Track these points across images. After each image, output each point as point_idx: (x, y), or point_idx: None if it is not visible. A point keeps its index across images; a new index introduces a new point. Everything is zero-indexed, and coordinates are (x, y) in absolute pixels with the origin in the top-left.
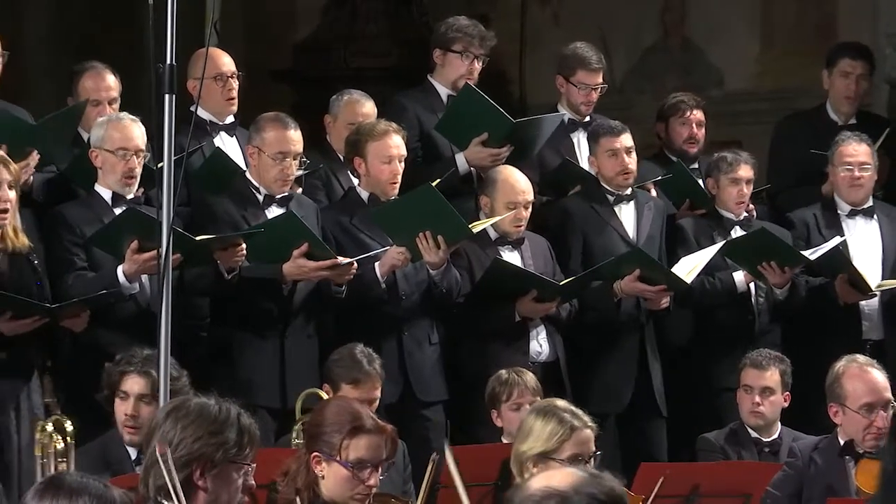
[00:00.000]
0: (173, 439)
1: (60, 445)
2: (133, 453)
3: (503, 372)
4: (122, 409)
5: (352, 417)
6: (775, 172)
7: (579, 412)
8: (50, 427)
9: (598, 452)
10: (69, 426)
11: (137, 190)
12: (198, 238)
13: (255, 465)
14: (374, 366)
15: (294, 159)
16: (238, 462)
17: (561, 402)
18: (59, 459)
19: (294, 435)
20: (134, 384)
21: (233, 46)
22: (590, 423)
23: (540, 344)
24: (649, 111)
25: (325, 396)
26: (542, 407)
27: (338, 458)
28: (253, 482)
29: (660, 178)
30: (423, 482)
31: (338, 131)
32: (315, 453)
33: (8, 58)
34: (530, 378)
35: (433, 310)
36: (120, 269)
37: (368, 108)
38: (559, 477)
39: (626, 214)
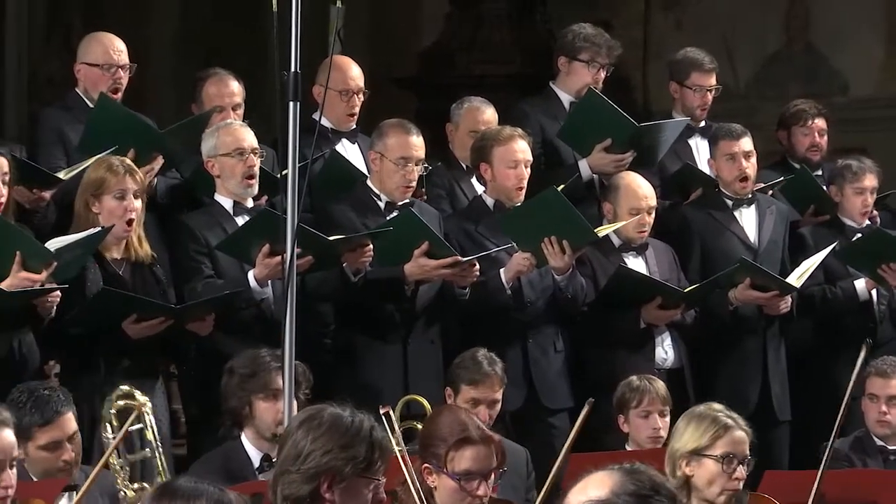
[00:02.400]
0: (303, 450)
1: (151, 421)
2: (256, 461)
3: (634, 378)
4: (276, 408)
5: (458, 429)
6: None
7: (736, 415)
8: (139, 397)
9: (752, 459)
10: (147, 401)
11: (259, 198)
12: (330, 238)
13: (385, 479)
14: (494, 368)
15: (416, 165)
16: (367, 477)
17: (717, 405)
18: (137, 425)
19: (394, 442)
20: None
21: (357, 54)
22: (745, 427)
23: (665, 350)
24: (773, 118)
25: (424, 403)
26: (698, 409)
27: (445, 470)
28: (384, 496)
29: (782, 179)
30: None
31: (460, 139)
32: (426, 465)
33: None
34: (661, 386)
35: (558, 317)
36: (251, 274)
37: (489, 114)
38: (595, 483)
39: (748, 219)
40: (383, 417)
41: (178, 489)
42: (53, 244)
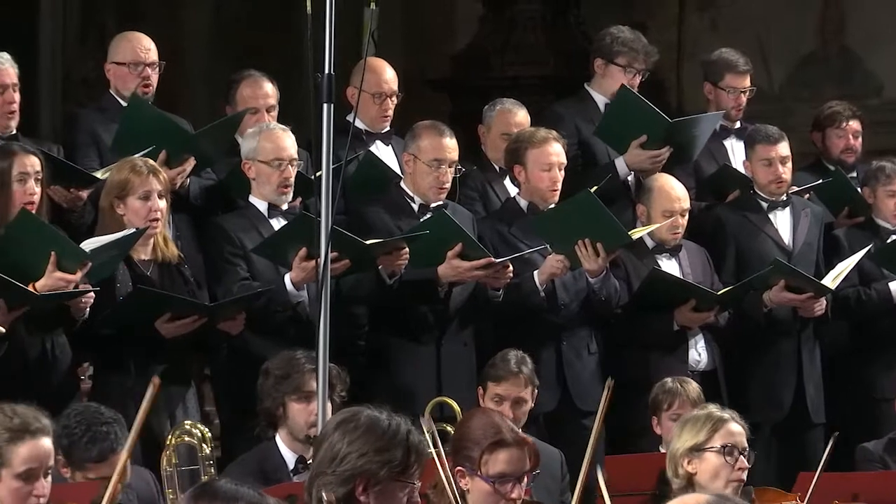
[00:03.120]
0: (339, 452)
1: (207, 450)
2: (291, 462)
3: (668, 380)
4: (309, 409)
5: (492, 432)
6: None
7: (730, 411)
8: (198, 433)
9: (751, 451)
10: (207, 433)
11: (293, 199)
12: (367, 242)
13: (420, 483)
14: (521, 367)
15: (450, 167)
16: (402, 481)
17: (710, 405)
18: (208, 462)
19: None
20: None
21: (391, 55)
22: (740, 421)
23: (699, 352)
24: (808, 119)
25: (454, 406)
26: (691, 412)
27: (479, 473)
28: (418, 500)
29: (820, 181)
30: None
31: (492, 141)
32: (459, 468)
33: (167, 65)
34: (692, 389)
35: (592, 319)
36: (287, 278)
37: (521, 116)
38: (690, 499)
39: (782, 221)
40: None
41: (218, 490)
42: (88, 245)
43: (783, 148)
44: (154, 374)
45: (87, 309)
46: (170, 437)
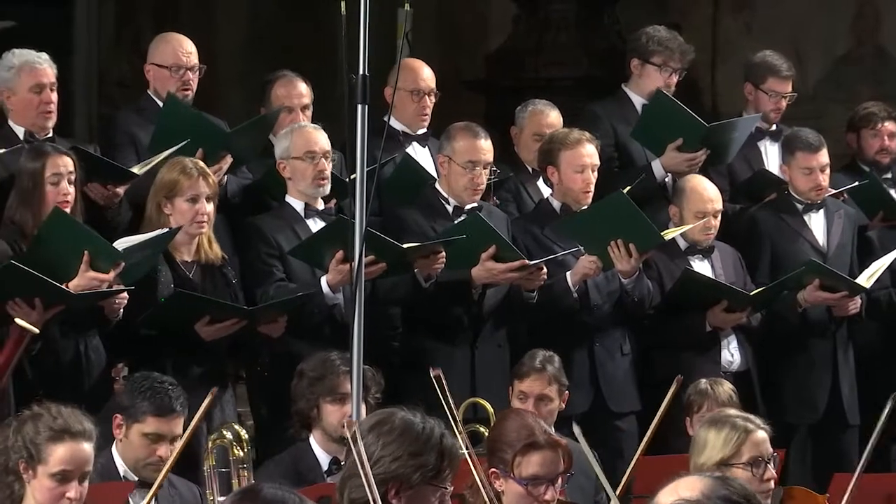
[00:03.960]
0: (373, 455)
1: (241, 453)
2: (324, 464)
3: (702, 381)
4: (343, 411)
5: (525, 434)
6: None
7: (751, 416)
8: (230, 435)
9: (775, 454)
10: (244, 434)
11: (329, 201)
12: (404, 245)
13: (452, 487)
14: (546, 365)
15: (484, 168)
16: (435, 485)
17: (732, 410)
18: (241, 466)
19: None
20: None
21: (425, 56)
22: (763, 426)
23: (731, 353)
24: (842, 120)
25: (487, 406)
26: (712, 417)
27: (513, 475)
28: (450, 503)
29: (856, 184)
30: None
31: (524, 142)
32: (493, 469)
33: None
34: (723, 391)
35: (625, 320)
36: (324, 280)
37: (553, 117)
38: (686, 485)
39: (816, 223)
40: (434, 380)
41: (262, 495)
42: (121, 244)
43: (823, 156)
44: (202, 383)
45: (121, 310)
46: (210, 439)
